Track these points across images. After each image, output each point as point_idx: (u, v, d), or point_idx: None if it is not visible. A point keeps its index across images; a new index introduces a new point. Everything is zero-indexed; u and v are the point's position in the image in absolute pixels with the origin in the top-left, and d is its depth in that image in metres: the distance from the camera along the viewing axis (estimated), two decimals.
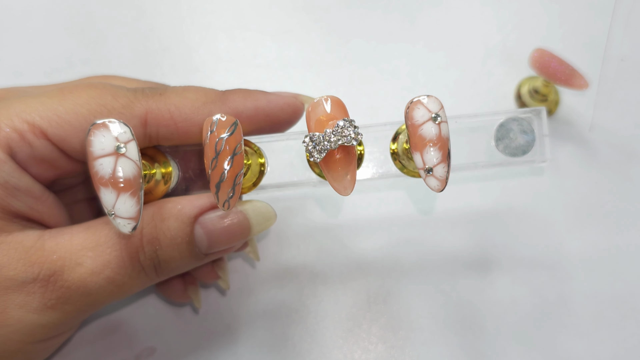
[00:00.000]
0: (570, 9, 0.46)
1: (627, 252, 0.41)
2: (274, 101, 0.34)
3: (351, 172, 0.29)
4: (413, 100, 0.28)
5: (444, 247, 0.41)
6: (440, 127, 0.28)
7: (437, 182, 0.28)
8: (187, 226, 0.32)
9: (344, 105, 0.29)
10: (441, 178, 0.28)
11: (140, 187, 0.28)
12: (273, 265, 0.41)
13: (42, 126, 0.31)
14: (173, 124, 0.32)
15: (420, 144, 0.28)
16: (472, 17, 0.46)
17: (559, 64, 0.41)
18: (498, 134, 0.33)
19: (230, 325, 0.40)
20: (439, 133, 0.28)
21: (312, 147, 0.28)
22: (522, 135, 0.33)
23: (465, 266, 0.41)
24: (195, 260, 0.33)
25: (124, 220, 0.28)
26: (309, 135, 0.28)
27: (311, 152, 0.28)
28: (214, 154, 0.28)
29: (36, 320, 0.31)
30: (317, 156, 0.28)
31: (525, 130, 0.33)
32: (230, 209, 0.29)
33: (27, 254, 0.30)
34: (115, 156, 0.28)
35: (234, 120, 0.29)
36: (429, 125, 0.28)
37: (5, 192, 0.31)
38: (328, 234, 0.42)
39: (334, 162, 0.29)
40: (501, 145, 0.33)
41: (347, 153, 0.29)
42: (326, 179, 0.30)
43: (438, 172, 0.28)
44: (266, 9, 0.47)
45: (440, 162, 0.28)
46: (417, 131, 0.28)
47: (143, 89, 0.33)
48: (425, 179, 0.28)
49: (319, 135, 0.28)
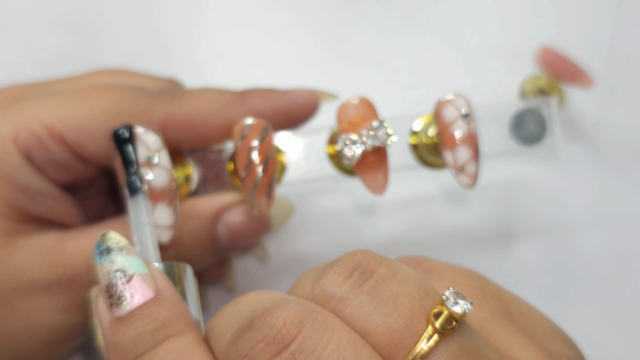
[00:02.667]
0: (576, 6, 0.46)
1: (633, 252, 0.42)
2: (292, 100, 0.34)
3: (383, 172, 0.30)
4: (441, 99, 0.29)
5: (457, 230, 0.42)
6: (469, 125, 0.28)
7: (468, 179, 0.29)
8: (210, 225, 0.32)
9: (374, 106, 0.29)
10: (472, 175, 0.29)
11: (176, 195, 0.28)
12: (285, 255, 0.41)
13: (61, 131, 0.31)
14: (193, 128, 0.32)
15: (450, 141, 0.29)
16: (476, 14, 0.46)
17: (564, 62, 0.41)
18: (512, 124, 0.34)
19: None
20: (468, 131, 0.28)
21: (347, 150, 0.29)
22: (535, 125, 0.34)
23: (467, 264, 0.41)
24: (216, 257, 0.34)
25: (161, 230, 0.28)
26: (342, 137, 0.29)
27: (346, 154, 0.29)
28: (247, 160, 0.28)
29: (61, 321, 0.31)
30: (352, 157, 0.29)
31: (538, 120, 0.34)
32: (266, 213, 0.29)
33: (49, 256, 0.31)
34: (148, 167, 0.28)
35: (265, 125, 0.29)
36: (458, 123, 0.28)
37: (24, 196, 0.31)
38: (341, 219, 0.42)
39: (367, 164, 0.29)
40: (515, 135, 0.34)
41: (380, 154, 0.30)
42: (360, 179, 0.30)
43: (469, 169, 0.28)
44: (266, 8, 0.47)
45: (471, 160, 0.28)
46: (447, 129, 0.29)
47: (162, 93, 0.33)
48: (456, 177, 0.29)
49: (353, 137, 0.28)
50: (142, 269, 0.24)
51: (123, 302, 0.24)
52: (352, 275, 0.23)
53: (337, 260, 0.24)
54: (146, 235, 0.27)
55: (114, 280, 0.24)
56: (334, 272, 0.23)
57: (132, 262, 0.24)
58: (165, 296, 0.24)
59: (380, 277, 0.23)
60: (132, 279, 0.24)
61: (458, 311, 0.22)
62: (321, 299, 0.23)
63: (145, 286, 0.24)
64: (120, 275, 0.24)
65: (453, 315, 0.22)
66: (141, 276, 0.24)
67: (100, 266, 0.24)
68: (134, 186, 0.27)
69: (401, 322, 0.22)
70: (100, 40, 0.46)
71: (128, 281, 0.24)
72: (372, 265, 0.23)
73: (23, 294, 0.30)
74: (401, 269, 0.23)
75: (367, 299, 0.22)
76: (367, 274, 0.23)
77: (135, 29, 0.46)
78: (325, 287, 0.23)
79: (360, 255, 0.24)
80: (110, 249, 0.25)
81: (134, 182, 0.27)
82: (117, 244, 0.25)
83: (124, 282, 0.24)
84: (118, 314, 0.24)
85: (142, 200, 0.27)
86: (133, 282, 0.24)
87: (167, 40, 0.46)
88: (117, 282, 0.24)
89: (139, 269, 0.24)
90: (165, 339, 0.23)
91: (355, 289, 0.23)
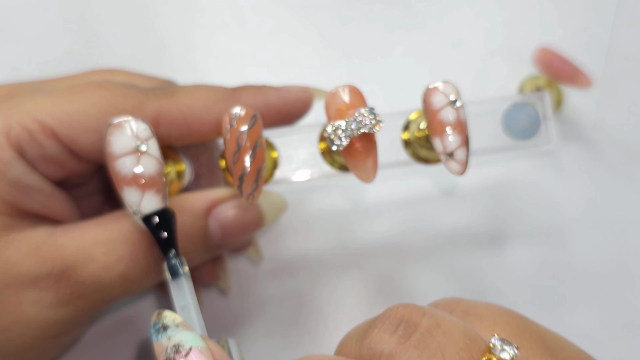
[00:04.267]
0: (574, 7, 0.46)
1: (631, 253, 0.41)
2: (284, 97, 0.34)
3: (373, 159, 0.30)
4: (429, 86, 0.29)
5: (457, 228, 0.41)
6: (458, 112, 0.28)
7: (457, 166, 0.29)
8: (201, 219, 0.32)
9: (362, 94, 0.29)
10: (461, 161, 0.29)
11: (164, 183, 0.28)
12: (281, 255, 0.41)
13: (53, 126, 0.31)
14: (185, 125, 0.32)
15: (440, 128, 0.28)
16: (475, 14, 0.46)
17: (563, 63, 0.41)
18: (505, 119, 0.35)
19: (236, 316, 0.40)
20: (457, 117, 0.29)
21: (334, 136, 0.29)
22: (529, 119, 0.35)
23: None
24: (208, 253, 0.33)
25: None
26: (330, 123, 0.29)
27: (333, 140, 0.29)
28: (236, 148, 0.28)
29: (50, 315, 0.31)
30: (340, 144, 0.29)
31: (531, 114, 0.35)
32: (255, 201, 0.29)
33: (39, 250, 0.30)
34: (137, 154, 0.28)
35: (254, 113, 0.29)
36: (447, 110, 0.28)
37: (16, 191, 0.31)
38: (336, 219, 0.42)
39: (356, 150, 0.29)
40: (508, 129, 0.35)
41: (368, 140, 0.30)
42: (348, 167, 0.30)
43: (458, 155, 0.28)
44: (266, 7, 0.47)
45: (460, 146, 0.28)
46: (435, 116, 0.29)
47: (154, 90, 0.33)
48: (445, 163, 0.29)
49: (341, 124, 0.28)
50: (199, 343, 0.24)
51: None
52: (397, 330, 0.23)
53: (380, 317, 0.24)
54: (192, 315, 0.28)
55: (172, 355, 0.24)
56: (378, 329, 0.24)
57: (189, 337, 0.25)
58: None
59: (425, 330, 0.23)
60: (190, 353, 0.24)
61: (506, 358, 0.22)
62: (370, 357, 0.23)
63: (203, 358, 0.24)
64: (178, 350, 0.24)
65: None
66: (199, 349, 0.24)
67: (158, 343, 0.25)
68: (175, 270, 0.28)
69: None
70: (99, 43, 0.46)
71: (186, 355, 0.24)
72: (415, 318, 0.24)
73: (12, 288, 0.30)
74: (444, 319, 0.24)
75: (415, 354, 0.23)
76: (411, 327, 0.23)
77: (134, 31, 0.46)
78: (373, 345, 0.23)
79: (402, 309, 0.24)
80: (166, 326, 0.25)
81: (175, 266, 0.28)
82: (172, 322, 0.25)
83: (182, 355, 0.24)
84: None
85: (185, 282, 0.28)
86: (191, 355, 0.24)
87: (166, 42, 0.46)
88: (175, 357, 0.24)
89: (196, 343, 0.25)
90: None
91: (402, 343, 0.23)
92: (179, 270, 0.28)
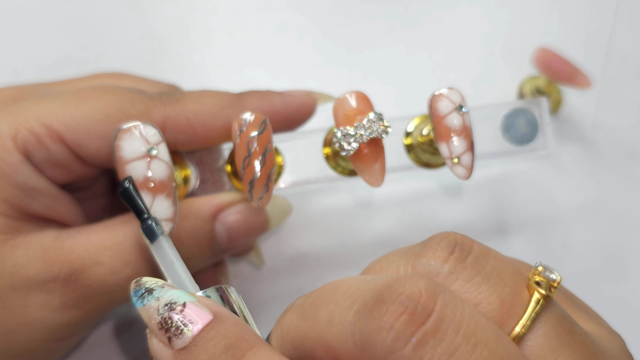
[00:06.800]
0: (573, 7, 0.46)
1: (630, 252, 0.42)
2: (288, 102, 0.34)
3: (380, 163, 0.30)
4: (435, 93, 0.29)
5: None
6: (463, 118, 0.29)
7: (463, 170, 0.29)
8: (208, 223, 0.32)
9: (369, 100, 0.30)
10: (467, 166, 0.29)
11: (174, 187, 0.28)
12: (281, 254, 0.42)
13: (60, 130, 0.31)
14: (191, 130, 0.32)
15: (446, 134, 0.29)
16: (474, 15, 0.46)
17: (562, 63, 0.41)
18: (504, 124, 0.35)
19: None
20: (462, 123, 0.29)
21: (344, 141, 0.29)
22: (527, 125, 0.35)
23: None
24: (214, 257, 0.34)
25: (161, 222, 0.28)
26: (339, 129, 0.29)
27: (343, 145, 0.29)
28: (246, 153, 0.29)
29: (57, 318, 0.31)
30: (349, 149, 0.29)
31: (529, 120, 0.36)
32: (265, 205, 0.30)
33: (46, 254, 0.31)
34: (148, 159, 0.28)
35: (264, 119, 0.29)
36: (453, 115, 0.29)
37: (23, 194, 0.31)
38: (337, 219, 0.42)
39: (364, 155, 0.30)
40: (507, 134, 0.35)
41: (376, 145, 0.30)
42: (357, 171, 0.31)
43: (464, 160, 0.29)
44: (266, 8, 0.47)
45: (466, 151, 0.29)
46: (442, 122, 0.29)
47: (160, 95, 0.33)
48: (451, 168, 0.29)
49: (350, 129, 0.29)
50: (189, 298, 0.24)
51: (184, 331, 0.23)
52: (453, 252, 0.24)
53: (431, 240, 0.25)
54: (178, 270, 0.27)
55: (167, 313, 0.24)
56: (435, 250, 0.24)
57: (179, 294, 0.24)
58: (224, 315, 0.24)
59: (480, 253, 0.24)
60: (186, 307, 0.24)
61: (556, 278, 0.24)
62: (427, 275, 0.24)
63: (200, 310, 0.24)
64: (172, 307, 0.24)
65: (550, 282, 0.24)
66: (193, 303, 0.24)
67: (145, 308, 0.24)
68: (150, 231, 0.27)
69: (508, 291, 0.24)
70: (100, 44, 0.46)
71: (182, 310, 0.24)
72: (467, 243, 0.25)
73: (19, 291, 0.30)
74: (491, 248, 0.25)
75: (473, 272, 0.24)
76: (466, 250, 0.24)
77: (134, 31, 0.46)
78: (431, 264, 0.24)
79: (453, 235, 0.25)
80: (150, 289, 0.24)
81: (150, 227, 0.27)
82: (156, 283, 0.25)
83: (177, 312, 0.23)
84: (180, 344, 0.23)
85: (164, 241, 0.27)
86: (187, 310, 0.24)
87: (167, 44, 0.46)
88: (170, 315, 0.23)
89: (186, 298, 0.24)
90: (243, 354, 0.23)
91: (460, 263, 0.24)
92: (155, 231, 0.27)
